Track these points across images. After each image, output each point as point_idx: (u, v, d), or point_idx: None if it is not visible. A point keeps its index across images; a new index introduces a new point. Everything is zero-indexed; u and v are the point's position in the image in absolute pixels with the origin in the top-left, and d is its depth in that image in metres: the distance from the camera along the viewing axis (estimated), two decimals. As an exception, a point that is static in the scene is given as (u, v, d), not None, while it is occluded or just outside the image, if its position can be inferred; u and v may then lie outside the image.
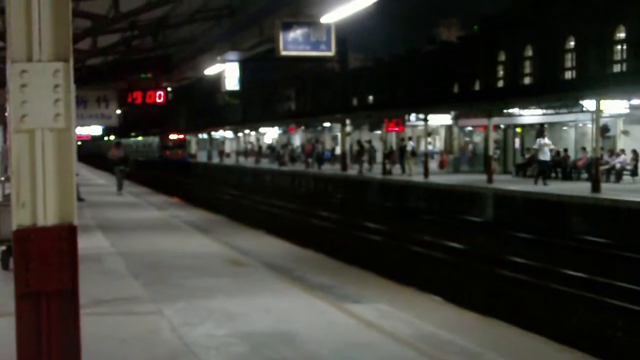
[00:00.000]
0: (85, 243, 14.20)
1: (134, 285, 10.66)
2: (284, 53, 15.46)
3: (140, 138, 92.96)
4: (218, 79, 25.52)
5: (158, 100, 24.05)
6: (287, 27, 15.29)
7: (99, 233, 16.91)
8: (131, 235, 16.82)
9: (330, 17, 14.76)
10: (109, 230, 17.44)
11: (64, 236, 4.92)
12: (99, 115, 24.14)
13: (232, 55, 22.59)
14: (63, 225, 4.90)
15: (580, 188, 25.85)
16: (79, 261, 5.17)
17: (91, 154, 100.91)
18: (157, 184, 41.74)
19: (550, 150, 29.41)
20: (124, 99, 24.22)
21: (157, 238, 16.43)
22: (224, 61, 22.86)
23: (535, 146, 29.51)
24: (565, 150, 33.07)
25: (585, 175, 30.22)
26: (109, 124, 26.14)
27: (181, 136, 77.05)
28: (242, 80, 25.34)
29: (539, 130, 29.59)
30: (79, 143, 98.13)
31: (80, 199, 24.08)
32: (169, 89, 27.14)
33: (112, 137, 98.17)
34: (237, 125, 76.91)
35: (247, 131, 74.24)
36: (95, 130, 52.15)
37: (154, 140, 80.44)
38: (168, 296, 9.71)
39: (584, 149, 32.46)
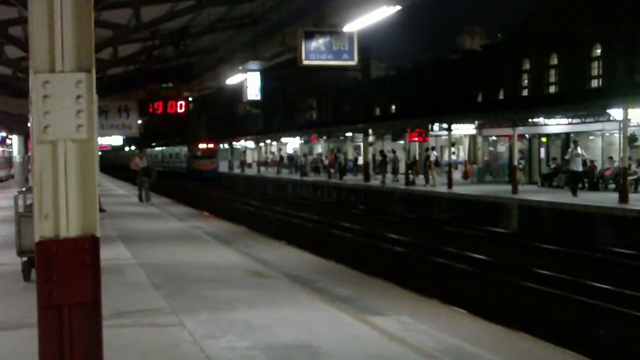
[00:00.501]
0: (106, 254, 14.16)
1: (155, 296, 10.62)
2: (306, 62, 15.43)
3: (163, 148, 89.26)
4: (239, 89, 25.53)
5: (179, 110, 24.10)
6: (310, 36, 15.27)
7: (120, 244, 16.90)
8: (152, 246, 16.80)
9: (353, 26, 14.73)
10: (130, 241, 17.42)
11: (87, 247, 4.88)
12: (119, 125, 24.21)
13: (254, 64, 22.62)
14: (86, 236, 4.86)
15: (607, 199, 25.59)
16: (101, 272, 5.13)
17: (112, 164, 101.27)
18: (178, 195, 41.78)
19: (583, 161, 28.88)
20: (145, 108, 24.29)
21: (178, 249, 16.39)
22: (245, 70, 22.89)
23: (567, 156, 28.82)
24: (592, 161, 32.78)
25: (612, 186, 29.92)
26: (130, 134, 26.20)
27: (211, 145, 70.68)
28: (263, 89, 25.36)
29: (572, 140, 28.90)
30: (100, 153, 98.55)
31: (101, 210, 24.13)
32: (190, 98, 27.19)
33: (132, 147, 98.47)
34: (258, 135, 74.28)
35: (268, 141, 73.84)
36: (116, 140, 52.38)
37: (182, 150, 75.16)
38: (189, 308, 9.65)
39: (611, 158, 32.16)
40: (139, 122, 25.87)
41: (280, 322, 8.87)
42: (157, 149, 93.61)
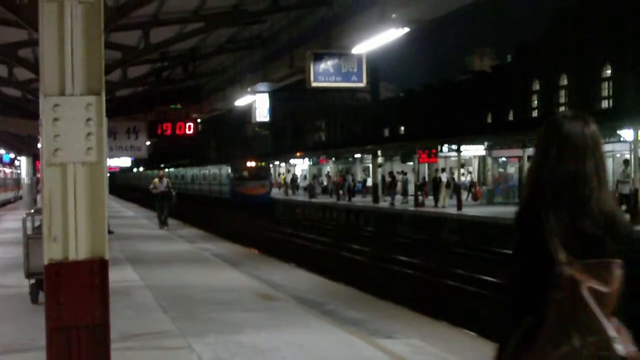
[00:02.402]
0: (114, 276, 14.11)
1: (163, 319, 10.57)
2: (314, 84, 15.45)
3: (191, 168, 76.65)
4: (248, 110, 25.58)
5: (188, 132, 24.13)
6: (318, 58, 15.29)
7: (128, 266, 16.89)
8: (160, 269, 16.78)
9: (361, 48, 14.75)
10: (138, 263, 17.40)
11: (96, 270, 4.87)
12: (128, 146, 24.23)
13: (263, 86, 22.66)
14: (94, 259, 4.85)
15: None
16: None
17: (121, 185, 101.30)
18: (186, 216, 41.76)
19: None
20: (153, 130, 24.32)
21: (187, 271, 16.36)
22: (254, 92, 22.93)
23: (619, 178, 26.79)
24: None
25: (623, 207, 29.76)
26: (139, 155, 26.19)
27: (262, 164, 58.55)
28: (272, 110, 25.39)
29: (623, 159, 27.65)
30: (108, 174, 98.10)
31: (109, 232, 24.09)
32: (198, 120, 27.24)
33: (141, 168, 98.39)
34: (267, 157, 71.27)
35: (277, 162, 73.73)
36: (124, 161, 52.37)
37: (221, 169, 61.71)
38: (198, 331, 9.61)
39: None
40: (148, 143, 25.91)
41: (290, 345, 8.81)
42: (182, 169, 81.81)
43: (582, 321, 2.65)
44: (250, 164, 57.13)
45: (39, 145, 4.95)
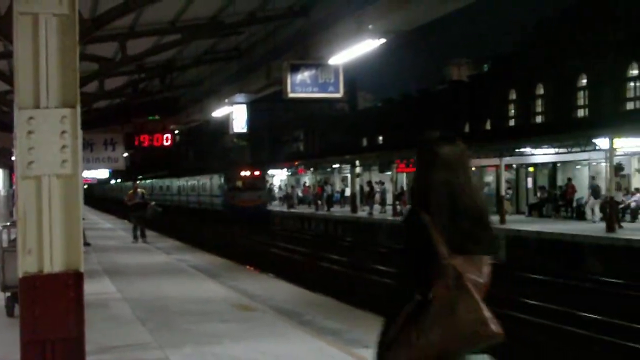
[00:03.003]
0: (91, 288, 14.08)
1: (140, 331, 10.54)
2: (291, 95, 15.47)
3: (177, 179, 71.25)
4: (226, 121, 25.57)
5: (165, 143, 24.10)
6: (295, 69, 15.31)
7: (106, 278, 16.82)
8: (138, 280, 16.72)
9: (338, 58, 14.80)
10: (116, 275, 17.34)
11: (71, 283, 4.86)
12: (105, 158, 24.16)
13: (240, 97, 22.67)
14: (69, 272, 4.84)
15: (595, 228, 25.66)
16: (85, 307, 5.10)
17: (99, 197, 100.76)
18: (164, 228, 41.61)
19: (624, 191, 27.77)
20: (130, 141, 24.26)
21: (164, 283, 16.31)
22: (231, 103, 22.93)
23: (614, 186, 26.96)
24: (559, 186, 32.86)
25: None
26: (116, 167, 26.09)
27: (257, 173, 53.68)
28: (250, 121, 25.39)
29: (617, 167, 27.72)
30: (85, 186, 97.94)
31: (86, 244, 23.98)
32: (176, 131, 27.18)
33: (118, 180, 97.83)
34: (263, 165, 66.04)
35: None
36: (102, 173, 51.85)
37: (212, 180, 57.34)
38: (175, 342, 9.59)
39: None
40: (125, 155, 25.83)
41: (267, 356, 8.81)
42: (167, 180, 76.91)
43: (465, 303, 3.34)
44: (245, 173, 52.84)
45: (13, 158, 4.95)
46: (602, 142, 26.44)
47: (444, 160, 3.64)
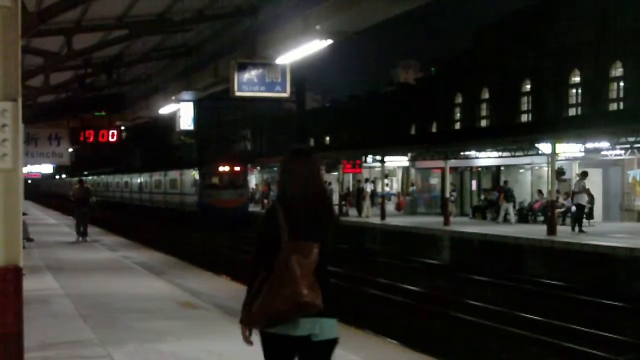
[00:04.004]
0: (33, 284, 13.95)
1: (83, 328, 10.45)
2: (238, 94, 15.48)
3: (139, 174, 64.18)
4: (173, 118, 25.45)
5: (111, 139, 23.92)
6: (242, 67, 15.32)
7: (48, 274, 16.63)
8: (82, 277, 16.56)
9: (286, 58, 14.84)
10: (59, 272, 17.15)
11: (9, 278, 4.82)
12: (50, 153, 23.85)
13: (187, 94, 22.59)
14: (8, 267, 4.80)
15: (537, 230, 26.04)
16: (26, 303, 5.06)
17: (44, 192, 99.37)
18: (109, 224, 41.23)
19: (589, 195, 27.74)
20: (76, 137, 24.02)
21: (108, 279, 16.18)
22: (178, 101, 22.84)
23: (575, 189, 27.12)
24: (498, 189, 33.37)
25: (541, 218, 30.43)
26: (61, 162, 25.78)
27: (237, 168, 47.08)
28: (198, 119, 25.32)
29: (582, 171, 28.05)
30: (29, 181, 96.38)
31: (29, 239, 23.66)
32: (122, 127, 26.96)
33: (63, 176, 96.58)
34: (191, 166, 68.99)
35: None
36: (46, 168, 51.09)
37: (184, 176, 50.13)
38: (118, 339, 9.52)
39: (540, 192, 32.82)
40: (70, 150, 25.55)
41: (210, 353, 8.81)
42: (126, 175, 69.83)
43: (289, 278, 4.33)
44: (224, 168, 46.15)
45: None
46: (544, 147, 26.81)
47: (293, 167, 4.71)
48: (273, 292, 4.40)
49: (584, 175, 26.86)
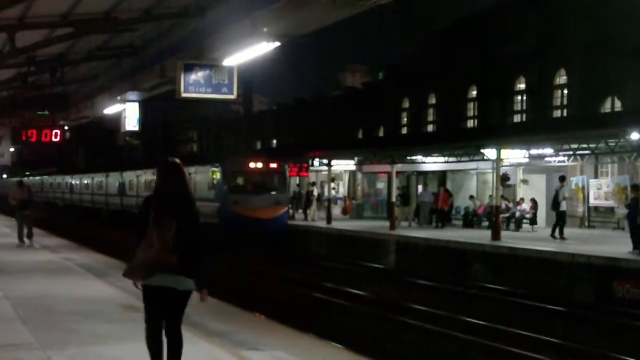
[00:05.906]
0: (-29, 286, 13.66)
1: (21, 330, 10.25)
2: (184, 95, 15.41)
3: (120, 173, 49.83)
4: (118, 119, 25.20)
5: (54, 139, 23.59)
6: (189, 68, 15.25)
7: (-13, 276, 16.30)
8: (21, 279, 16.25)
9: (233, 60, 14.79)
10: (-2, 273, 16.83)
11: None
12: (-10, 152, 23.42)
13: (133, 95, 22.41)
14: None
15: (481, 235, 26.28)
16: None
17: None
18: (49, 225, 40.58)
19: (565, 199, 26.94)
20: (17, 136, 23.65)
21: (50, 282, 15.91)
22: (124, 101, 22.63)
23: (566, 195, 26.48)
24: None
25: (486, 223, 30.73)
26: (1, 162, 25.30)
27: (274, 165, 34.80)
28: (144, 120, 25.11)
29: (560, 175, 27.65)
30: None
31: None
32: (66, 127, 26.58)
33: (4, 176, 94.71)
34: (136, 167, 53.34)
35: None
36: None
37: (198, 175, 35.18)
38: (58, 342, 9.36)
39: (472, 197, 33.20)
40: (12, 149, 25.11)
41: (152, 357, 8.68)
42: (102, 174, 54.52)
43: (150, 243, 6.50)
44: (254, 164, 34.05)
45: None
46: (489, 152, 27.06)
47: (165, 174, 6.88)
48: (141, 251, 6.56)
49: (562, 179, 26.62)
